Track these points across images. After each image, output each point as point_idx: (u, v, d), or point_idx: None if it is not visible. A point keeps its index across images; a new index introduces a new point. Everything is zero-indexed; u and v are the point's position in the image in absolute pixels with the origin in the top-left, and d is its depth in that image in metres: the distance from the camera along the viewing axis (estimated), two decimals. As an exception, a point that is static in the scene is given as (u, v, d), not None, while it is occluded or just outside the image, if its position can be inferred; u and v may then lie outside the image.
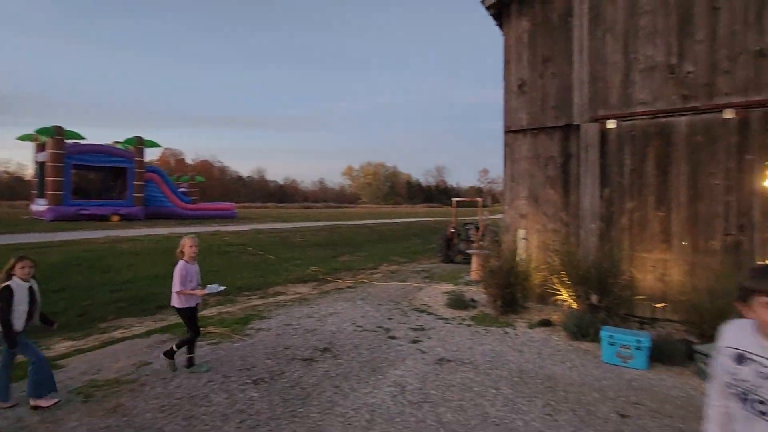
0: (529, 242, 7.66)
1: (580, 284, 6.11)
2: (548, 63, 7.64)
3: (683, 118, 6.49)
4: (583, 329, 5.38)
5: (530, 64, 7.82)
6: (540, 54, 7.72)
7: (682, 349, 4.61)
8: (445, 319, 6.70)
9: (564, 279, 6.46)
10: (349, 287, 9.36)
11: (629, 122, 6.88)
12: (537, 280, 7.19)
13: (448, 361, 4.88)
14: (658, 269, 6.58)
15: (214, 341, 5.54)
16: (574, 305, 6.34)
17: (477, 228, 12.32)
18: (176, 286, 4.42)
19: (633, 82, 6.88)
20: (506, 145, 8.12)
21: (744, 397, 1.60)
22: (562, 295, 6.61)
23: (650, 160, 6.72)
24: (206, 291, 4.58)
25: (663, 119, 6.63)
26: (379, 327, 6.23)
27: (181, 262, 4.47)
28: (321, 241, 19.20)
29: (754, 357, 1.60)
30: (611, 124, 7.01)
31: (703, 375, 4.28)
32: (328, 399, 3.98)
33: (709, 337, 5.26)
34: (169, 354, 4.54)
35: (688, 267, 6.32)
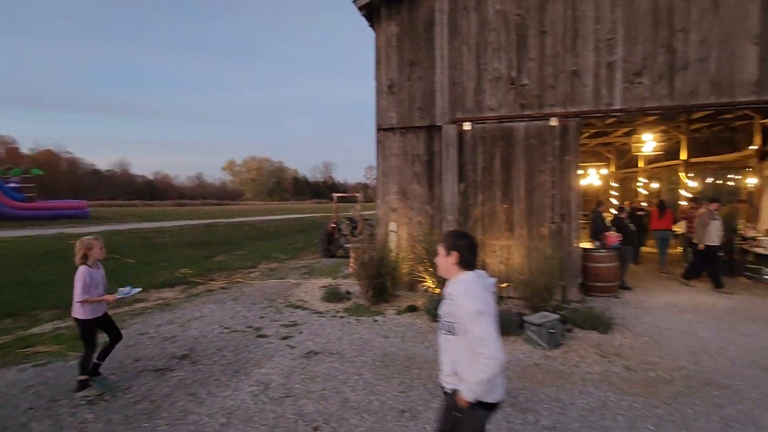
0: (399, 234, 8.11)
1: (440, 271, 6.68)
2: (415, 67, 8.15)
3: (521, 123, 7.54)
4: (431, 311, 5.90)
5: (399, 67, 8.25)
6: (407, 58, 8.20)
7: (516, 321, 5.38)
8: (320, 313, 6.72)
9: (428, 267, 7.00)
10: (222, 288, 8.78)
11: (481, 125, 7.74)
12: (406, 269, 7.67)
13: (317, 353, 4.91)
14: (503, 254, 7.57)
15: (41, 362, 4.68)
16: (438, 290, 6.93)
17: (355, 223, 12.62)
18: (78, 295, 3.82)
19: (484, 90, 7.75)
20: (378, 142, 8.46)
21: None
22: (427, 281, 7.16)
23: (497, 159, 7.66)
24: (117, 296, 4.00)
25: (506, 124, 7.61)
26: (249, 327, 5.97)
27: (83, 268, 3.87)
28: (194, 240, 17.66)
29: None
30: (467, 126, 7.80)
31: (530, 341, 5.06)
32: (180, 408, 3.67)
33: (539, 308, 6.26)
34: (82, 385, 3.97)
35: (525, 251, 7.40)
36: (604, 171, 17.25)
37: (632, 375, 4.25)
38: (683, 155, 11.89)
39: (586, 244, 8.04)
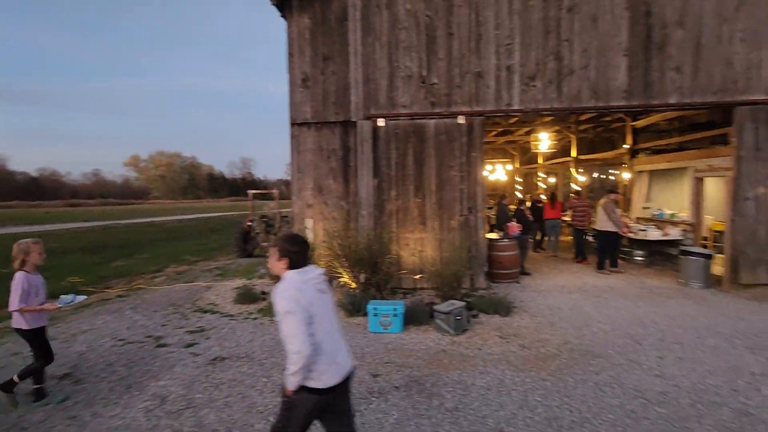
0: (315, 230, 7.98)
1: (356, 266, 6.71)
2: (328, 61, 8.03)
3: (432, 120, 7.83)
4: (356, 306, 5.93)
5: (312, 61, 8.07)
6: (321, 52, 8.04)
7: (426, 310, 5.59)
8: (231, 316, 6.36)
9: (344, 262, 6.98)
10: (119, 296, 7.91)
11: (394, 122, 7.89)
12: (322, 266, 7.57)
13: (224, 359, 4.64)
14: (417, 247, 7.82)
15: None
16: (353, 285, 6.95)
17: (271, 220, 12.19)
18: (14, 303, 3.54)
19: (396, 87, 7.89)
20: (293, 137, 8.21)
21: None
22: (343, 277, 7.14)
23: (410, 154, 7.88)
24: (58, 305, 3.72)
25: (418, 121, 7.85)
26: (148, 336, 5.45)
27: (20, 274, 3.59)
28: (88, 245, 15.73)
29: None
30: (381, 122, 7.89)
31: (440, 329, 5.29)
32: (56, 435, 3.22)
33: (449, 297, 6.58)
34: (8, 386, 3.67)
35: (437, 243, 7.72)
36: (509, 167, 18.65)
37: (527, 353, 4.65)
38: (573, 153, 13.30)
39: (492, 235, 8.63)
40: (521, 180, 18.87)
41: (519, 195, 17.51)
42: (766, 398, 3.67)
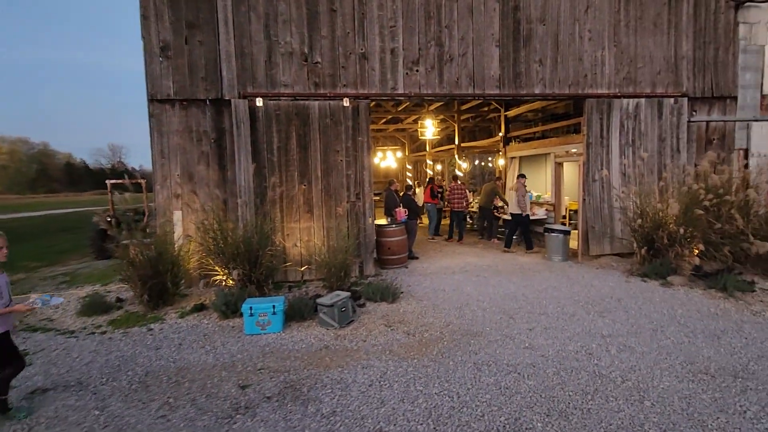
0: (186, 223, 6.95)
1: (232, 261, 5.97)
2: (195, 29, 6.95)
3: (316, 102, 7.31)
4: (231, 306, 5.24)
5: (174, 26, 6.90)
6: (185, 17, 6.91)
7: (310, 304, 5.17)
8: (71, 332, 5.15)
9: (221, 258, 6.17)
10: None
11: (275, 102, 7.18)
12: (195, 263, 6.64)
13: (45, 390, 3.63)
14: (304, 237, 7.32)
15: None
16: (231, 282, 6.19)
17: (140, 215, 10.50)
18: None
19: (276, 63, 7.18)
20: (152, 116, 6.98)
21: None
22: (219, 274, 6.32)
23: (294, 138, 7.28)
24: (35, 305, 3.24)
25: (301, 102, 7.27)
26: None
27: None
28: None
29: None
30: (259, 102, 7.12)
31: (324, 323, 4.92)
32: None
33: (337, 287, 6.26)
34: (4, 405, 3.21)
35: (324, 231, 7.32)
36: (399, 154, 19.02)
37: (411, 340, 4.54)
38: (456, 141, 13.97)
39: (381, 221, 8.52)
40: (410, 167, 19.42)
41: (409, 181, 17.99)
42: (614, 358, 4.07)
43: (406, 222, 8.50)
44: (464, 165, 18.83)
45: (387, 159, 17.89)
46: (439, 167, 19.34)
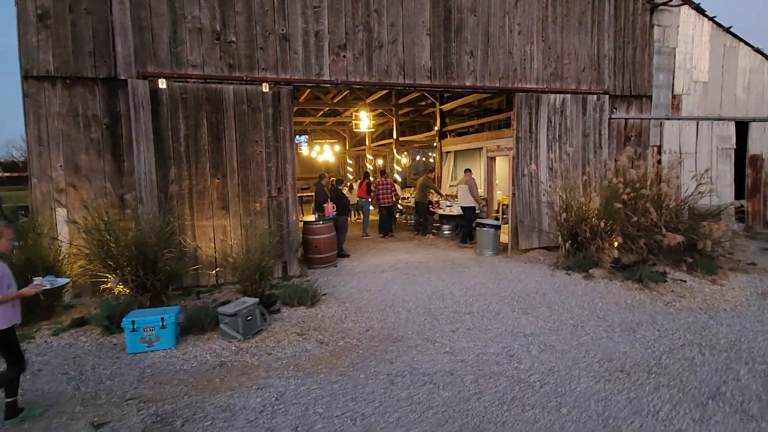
0: (72, 223, 5.93)
1: (125, 266, 5.13)
2: (80, -5, 5.91)
3: (231, 86, 6.55)
4: (116, 320, 4.43)
5: (54, -10, 5.82)
6: (67, -20, 5.86)
7: (212, 314, 4.52)
8: None
9: (108, 262, 5.28)
10: None
11: (182, 84, 6.33)
12: (81, 269, 5.67)
13: None
14: (218, 235, 6.56)
15: None
16: (127, 291, 5.34)
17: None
18: None
19: (183, 40, 6.32)
20: (27, 95, 5.85)
21: None
22: (110, 281, 5.43)
23: (205, 125, 6.47)
24: (42, 286, 3.08)
25: (214, 85, 6.47)
26: None
27: None
28: None
29: None
30: (162, 83, 6.23)
31: (225, 335, 4.30)
32: None
33: (253, 291, 5.62)
34: (14, 409, 2.96)
35: (242, 230, 6.61)
36: (337, 148, 18.43)
37: (323, 350, 4.07)
38: (395, 135, 13.66)
39: (311, 217, 7.95)
40: (351, 162, 18.91)
41: (350, 176, 17.47)
42: (534, 359, 3.86)
43: (336, 218, 8.00)
44: (404, 160, 18.66)
45: (324, 153, 17.20)
46: (380, 162, 19.00)
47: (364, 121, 11.50)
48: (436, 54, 7.54)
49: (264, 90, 6.68)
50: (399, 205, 10.49)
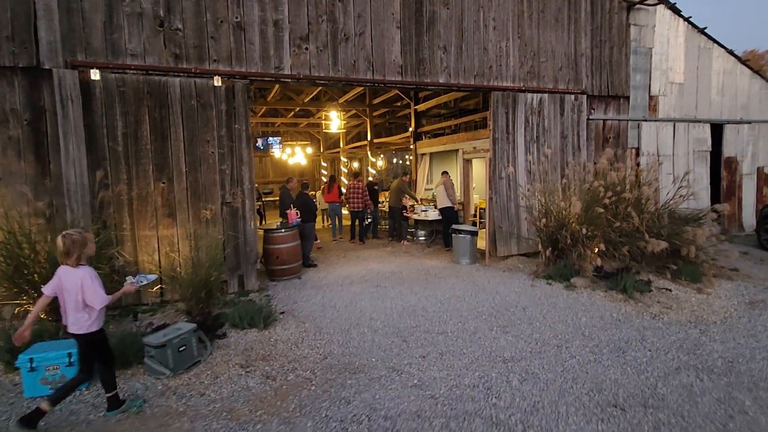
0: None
1: (42, 285, 4.31)
2: (-4, -29, 5.07)
3: (177, 79, 5.81)
4: (2, 355, 3.64)
5: (-37, -35, 4.97)
6: (-19, -46, 5.02)
7: (139, 343, 3.78)
8: None
9: (25, 282, 4.46)
10: None
11: (119, 75, 5.55)
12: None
13: None
14: (164, 247, 5.80)
15: None
16: (42, 315, 4.52)
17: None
18: (103, 297, 2.97)
19: (120, 26, 5.54)
20: (-72, 85, 4.98)
21: None
22: (23, 305, 4.60)
23: (147, 123, 5.70)
24: (139, 283, 3.17)
25: (157, 77, 5.71)
26: None
27: (88, 268, 3.00)
28: None
29: None
30: (95, 74, 5.44)
31: (151, 371, 3.57)
32: None
33: (199, 312, 4.89)
34: (116, 404, 3.09)
35: (192, 240, 5.85)
36: (310, 150, 17.70)
37: (267, 387, 3.40)
38: (369, 137, 13.06)
39: (273, 225, 7.24)
40: (325, 164, 18.21)
41: (324, 179, 16.75)
42: (515, 392, 3.31)
43: (301, 225, 7.33)
44: (379, 163, 18.09)
45: (296, 155, 16.44)
46: (356, 165, 18.38)
47: (335, 121, 10.84)
48: (407, 48, 6.99)
49: (216, 84, 5.96)
50: (368, 212, 9.79)
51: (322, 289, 6.15)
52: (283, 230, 6.74)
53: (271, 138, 19.02)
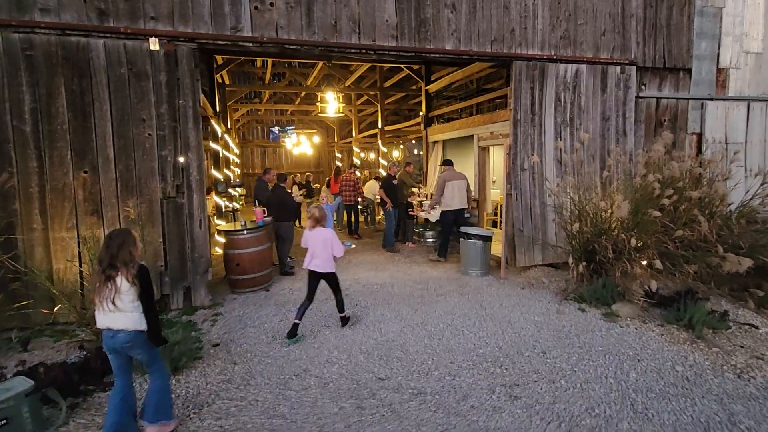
0: None
1: None
2: None
3: (101, 41, 4.52)
4: None
5: None
6: None
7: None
8: None
9: None
10: None
11: (25, 35, 4.32)
12: None
13: None
14: (86, 252, 4.59)
15: None
16: None
17: None
18: (340, 248, 4.00)
19: (29, -25, 4.32)
20: None
21: None
22: None
23: (62, 96, 4.46)
24: (351, 246, 4.41)
25: (75, 38, 4.46)
26: None
27: (325, 229, 3.98)
28: None
29: None
30: (-4, 34, 4.25)
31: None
32: None
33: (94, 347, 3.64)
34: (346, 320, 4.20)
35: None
36: (317, 139, 16.37)
37: None
38: (380, 124, 11.57)
39: (227, 225, 5.94)
40: (340, 156, 16.86)
41: (336, 168, 15.39)
42: None
43: (277, 225, 5.99)
44: (395, 153, 16.56)
45: (302, 145, 15.14)
46: (372, 156, 16.93)
47: (332, 104, 9.39)
48: (405, 6, 5.44)
49: (153, 48, 4.64)
50: (386, 210, 8.14)
51: (286, 308, 4.78)
52: (245, 232, 5.40)
53: (286, 127, 17.88)
